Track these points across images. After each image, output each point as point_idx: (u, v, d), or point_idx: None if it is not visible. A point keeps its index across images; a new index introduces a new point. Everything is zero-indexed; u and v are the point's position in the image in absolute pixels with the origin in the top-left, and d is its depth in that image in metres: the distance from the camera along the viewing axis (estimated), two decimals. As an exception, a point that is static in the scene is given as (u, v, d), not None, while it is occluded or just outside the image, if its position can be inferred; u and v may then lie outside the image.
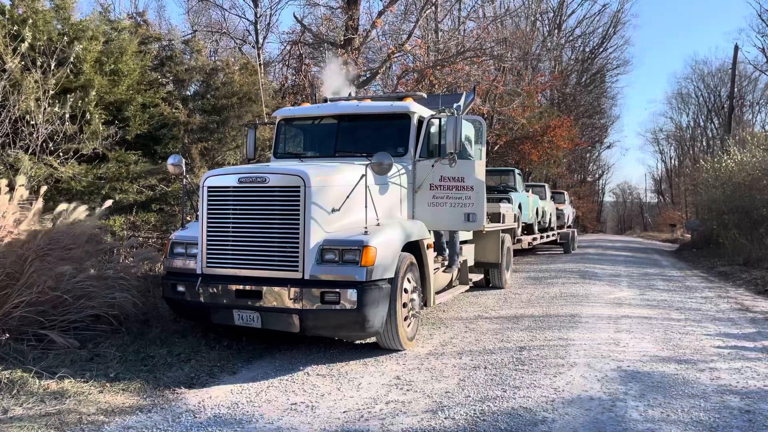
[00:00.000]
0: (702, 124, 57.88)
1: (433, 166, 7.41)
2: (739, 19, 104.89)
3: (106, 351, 5.89)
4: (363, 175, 5.94)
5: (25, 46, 7.74)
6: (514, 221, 13.51)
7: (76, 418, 4.39)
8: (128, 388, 5.04)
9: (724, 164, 20.54)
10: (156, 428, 4.30)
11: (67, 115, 8.19)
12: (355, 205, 6.07)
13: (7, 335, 5.45)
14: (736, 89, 36.54)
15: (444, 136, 7.31)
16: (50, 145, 8.29)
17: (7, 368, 5.17)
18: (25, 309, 5.90)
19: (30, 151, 7.98)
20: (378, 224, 6.05)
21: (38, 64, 8.06)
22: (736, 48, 30.49)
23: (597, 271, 15.13)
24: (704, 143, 55.98)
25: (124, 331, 6.50)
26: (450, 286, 8.52)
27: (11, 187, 6.60)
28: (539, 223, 18.42)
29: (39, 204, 6.64)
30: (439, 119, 7.56)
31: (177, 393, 5.05)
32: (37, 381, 4.97)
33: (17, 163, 7.80)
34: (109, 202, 7.56)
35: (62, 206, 6.93)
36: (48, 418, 4.37)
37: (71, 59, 8.35)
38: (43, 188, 7.03)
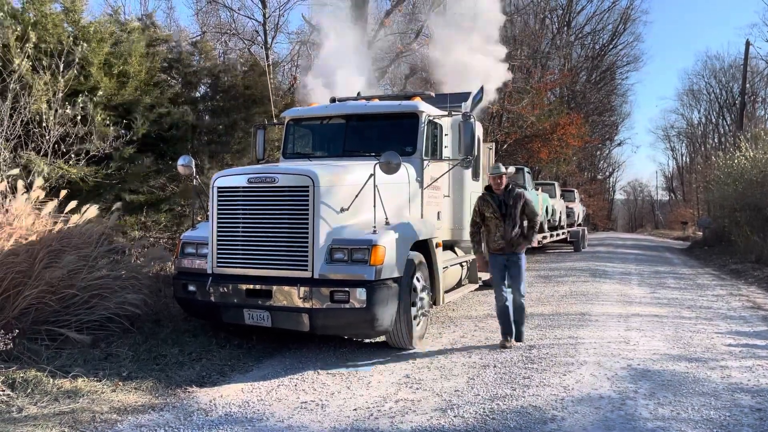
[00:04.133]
0: (714, 120, 57.41)
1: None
2: (750, 14, 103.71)
3: (119, 350, 5.96)
4: (372, 175, 5.95)
5: (29, 46, 7.80)
6: (524, 220, 13.45)
7: (89, 417, 4.44)
8: (141, 387, 5.09)
9: (736, 161, 20.36)
10: (168, 426, 4.34)
11: (79, 117, 8.26)
12: (363, 204, 6.09)
13: (17, 332, 5.51)
14: (748, 85, 36.18)
15: (455, 138, 7.36)
16: (62, 146, 8.37)
17: (21, 367, 5.24)
18: (38, 308, 5.98)
19: (42, 152, 8.07)
20: (387, 223, 6.07)
21: (45, 65, 8.13)
22: (748, 44, 30.12)
23: (607, 269, 15.06)
24: (716, 140, 55.46)
25: (135, 330, 6.56)
26: (459, 284, 8.52)
27: (26, 189, 6.68)
28: (549, 221, 18.37)
29: (49, 204, 6.71)
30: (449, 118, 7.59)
31: (189, 392, 5.09)
32: (51, 380, 5.04)
33: (30, 164, 7.88)
34: (118, 204, 7.63)
35: (71, 204, 7.00)
36: (62, 416, 4.43)
37: (78, 60, 8.42)
38: (63, 192, 7.13)
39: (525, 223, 6.79)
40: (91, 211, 7.01)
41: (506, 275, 6.78)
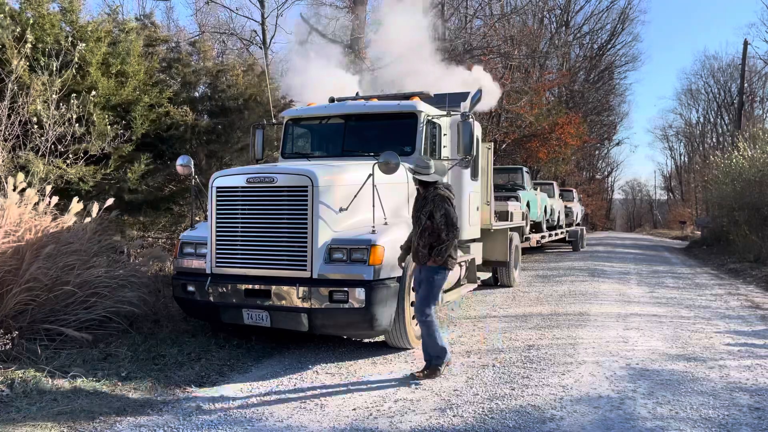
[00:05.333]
0: (712, 120, 57.52)
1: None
2: (749, 13, 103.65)
3: (118, 350, 5.96)
4: (370, 175, 5.95)
5: (28, 46, 7.79)
6: (522, 219, 13.49)
7: (88, 417, 4.44)
8: (140, 387, 5.09)
9: (734, 160, 20.39)
10: (167, 427, 4.34)
11: (74, 117, 8.24)
12: (362, 204, 6.09)
13: (16, 333, 5.50)
14: (746, 85, 36.25)
15: (454, 138, 7.36)
16: (59, 146, 8.36)
17: (20, 367, 5.24)
18: (35, 308, 5.97)
19: (40, 153, 8.06)
20: (386, 223, 6.08)
21: (42, 64, 8.12)
22: (746, 43, 30.20)
23: (606, 268, 15.08)
24: (714, 139, 55.57)
25: (134, 331, 6.56)
26: (458, 284, 8.52)
27: (22, 189, 6.67)
28: (548, 221, 18.38)
29: (32, 198, 6.67)
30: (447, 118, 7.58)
31: (188, 392, 5.09)
32: (50, 380, 5.04)
33: (28, 164, 7.87)
34: (110, 201, 7.54)
35: (54, 199, 6.95)
36: (61, 416, 4.42)
37: (75, 60, 8.41)
38: (49, 188, 7.08)
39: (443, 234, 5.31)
40: (77, 206, 6.95)
41: None
